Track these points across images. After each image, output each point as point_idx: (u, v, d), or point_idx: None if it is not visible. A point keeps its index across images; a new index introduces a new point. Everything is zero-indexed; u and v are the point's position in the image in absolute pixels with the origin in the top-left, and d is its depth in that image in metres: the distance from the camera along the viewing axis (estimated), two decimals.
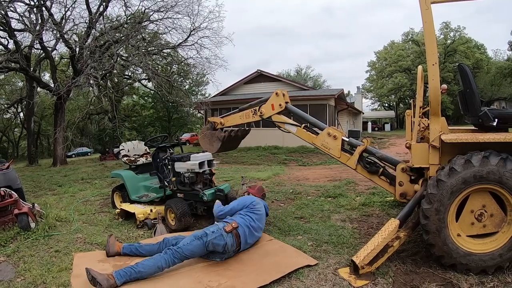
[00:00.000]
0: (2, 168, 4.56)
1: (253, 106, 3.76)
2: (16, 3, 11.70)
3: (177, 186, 4.04)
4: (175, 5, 13.01)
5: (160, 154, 4.31)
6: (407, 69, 36.11)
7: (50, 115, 24.55)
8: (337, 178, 7.02)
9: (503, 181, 2.26)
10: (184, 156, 4.04)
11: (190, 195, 3.93)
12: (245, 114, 3.77)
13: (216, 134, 3.93)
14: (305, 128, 3.37)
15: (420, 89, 3.11)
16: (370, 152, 3.06)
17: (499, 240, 2.34)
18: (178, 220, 3.63)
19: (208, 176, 4.06)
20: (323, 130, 3.24)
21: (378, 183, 3.08)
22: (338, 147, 3.13)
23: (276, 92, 3.53)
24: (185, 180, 3.91)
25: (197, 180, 3.92)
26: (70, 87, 12.08)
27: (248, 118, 3.74)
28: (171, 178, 4.07)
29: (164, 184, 4.18)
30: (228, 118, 3.96)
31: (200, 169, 3.84)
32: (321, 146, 3.22)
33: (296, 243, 3.10)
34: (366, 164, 3.04)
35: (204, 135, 4.06)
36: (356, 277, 2.39)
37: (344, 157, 3.13)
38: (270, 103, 3.54)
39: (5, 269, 2.81)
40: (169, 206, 3.78)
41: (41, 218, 4.02)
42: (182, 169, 3.94)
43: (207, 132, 4.03)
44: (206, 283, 2.41)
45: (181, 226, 3.63)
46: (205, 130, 4.10)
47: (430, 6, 2.47)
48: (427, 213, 2.37)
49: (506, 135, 2.32)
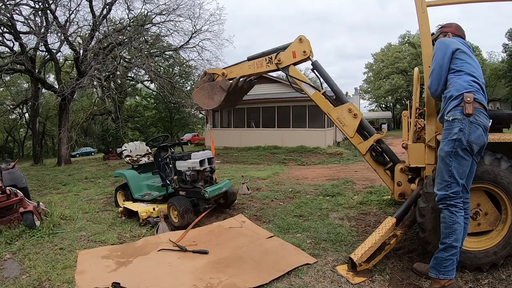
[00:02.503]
0: (8, 167, 4.64)
1: (267, 54, 3.24)
2: (22, 6, 11.89)
3: (179, 184, 4.10)
4: (177, 8, 13.19)
5: (162, 153, 4.39)
6: (403, 71, 36.45)
7: (54, 115, 24.76)
8: (335, 177, 7.07)
9: (497, 180, 2.29)
10: (185, 154, 4.10)
11: (192, 192, 3.99)
12: (257, 63, 3.26)
13: (219, 84, 3.37)
14: (324, 94, 3.09)
15: (416, 90, 3.13)
16: (382, 143, 3.01)
17: (493, 238, 2.37)
18: (181, 217, 3.71)
19: (209, 174, 4.12)
20: (344, 104, 3.01)
21: (381, 176, 3.02)
22: (355, 126, 2.94)
23: (300, 38, 3.04)
24: (186, 178, 3.96)
25: (198, 178, 3.98)
26: (74, 88, 12.24)
27: (260, 68, 3.25)
28: (173, 176, 4.13)
29: (166, 183, 4.25)
30: (233, 68, 3.41)
31: (201, 167, 3.90)
32: (336, 119, 3.00)
33: (295, 241, 3.14)
34: (373, 153, 2.93)
35: (202, 88, 3.46)
36: (354, 274, 2.43)
37: (357, 139, 2.98)
38: (292, 50, 3.07)
39: (11, 266, 2.87)
40: (171, 203, 3.85)
41: (46, 216, 4.10)
42: (183, 168, 3.99)
43: (206, 84, 3.45)
44: (207, 280, 2.45)
45: (184, 222, 3.70)
46: (202, 83, 3.51)
47: (426, 9, 2.51)
48: (423, 211, 2.41)
49: (501, 135, 2.35)
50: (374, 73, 42.75)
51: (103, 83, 13.02)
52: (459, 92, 2.08)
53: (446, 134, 2.09)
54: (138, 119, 28.95)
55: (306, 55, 3.06)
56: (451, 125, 2.06)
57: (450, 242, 2.00)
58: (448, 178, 2.03)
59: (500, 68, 31.76)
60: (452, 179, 2.02)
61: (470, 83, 2.10)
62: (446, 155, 2.05)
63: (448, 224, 2.01)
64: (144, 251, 3.10)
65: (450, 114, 2.10)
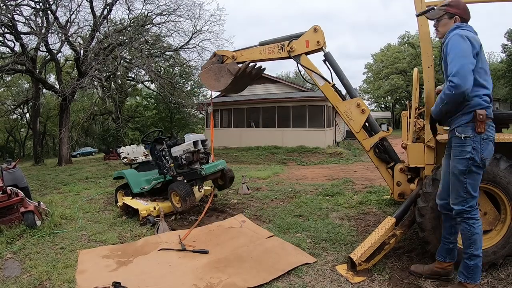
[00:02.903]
0: (9, 167, 4.66)
1: (280, 41, 3.20)
2: (22, 6, 11.91)
3: (176, 171, 4.17)
4: (177, 9, 13.23)
5: (157, 146, 4.51)
6: (403, 71, 36.62)
7: (55, 115, 24.81)
8: (335, 177, 7.09)
9: (497, 180, 2.30)
10: (179, 140, 4.23)
11: (189, 174, 4.06)
12: (268, 49, 3.22)
13: (227, 66, 3.31)
14: (334, 87, 3.08)
15: (415, 90, 3.13)
16: (386, 141, 3.01)
17: (493, 238, 2.38)
18: (183, 201, 3.77)
19: (204, 156, 4.22)
20: (353, 99, 3.02)
21: (383, 174, 3.03)
22: (361, 122, 2.95)
23: (315, 27, 3.00)
24: (182, 162, 4.03)
25: (194, 159, 4.06)
26: (75, 88, 12.27)
27: (271, 54, 3.22)
28: (169, 164, 4.21)
29: (163, 171, 4.33)
30: (243, 51, 3.38)
31: (195, 148, 4.00)
32: (343, 112, 3.00)
33: (295, 241, 3.15)
34: (377, 150, 2.94)
35: (209, 69, 3.42)
36: (353, 274, 2.44)
37: (362, 135, 2.99)
38: (305, 39, 3.03)
39: (11, 265, 2.88)
40: (172, 189, 3.94)
41: (46, 216, 4.11)
42: (179, 152, 4.09)
43: (214, 66, 3.40)
44: (207, 279, 2.46)
45: (187, 206, 3.76)
46: (211, 64, 3.47)
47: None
48: (422, 211, 2.42)
49: (500, 135, 2.36)
50: (373, 74, 42.92)
51: (103, 83, 13.06)
52: (472, 108, 1.99)
53: (458, 152, 2.04)
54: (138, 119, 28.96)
55: (320, 45, 3.02)
56: (463, 143, 2.00)
57: (471, 252, 2.02)
58: (463, 194, 2.03)
59: (499, 68, 32.22)
60: (467, 195, 2.02)
61: (484, 98, 2.00)
62: (460, 173, 2.02)
63: (468, 236, 2.03)
64: (145, 251, 3.11)
65: (460, 130, 2.02)
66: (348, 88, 3.13)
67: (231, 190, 5.83)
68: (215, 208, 4.60)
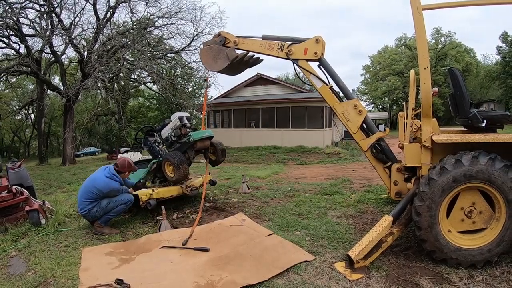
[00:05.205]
0: (14, 167, 4.73)
1: (282, 40, 3.24)
2: (27, 9, 12.09)
3: (168, 150, 4.44)
4: (179, 12, 13.36)
5: (150, 138, 4.77)
6: (400, 73, 36.78)
7: (59, 116, 25.01)
8: (334, 176, 7.13)
9: (491, 179, 2.34)
10: (166, 120, 4.58)
11: (180, 148, 4.36)
12: (269, 45, 3.25)
13: (227, 51, 3.37)
14: (331, 89, 3.13)
15: (412, 91, 3.17)
16: (383, 141, 3.04)
17: (488, 236, 2.41)
18: (177, 169, 3.94)
19: (191, 131, 4.51)
20: (350, 100, 3.07)
21: (380, 173, 3.07)
22: (359, 123, 2.99)
23: (317, 38, 3.04)
24: (172, 138, 4.35)
25: (182, 134, 4.34)
26: (78, 89, 12.42)
27: (270, 50, 3.25)
28: (161, 147, 4.50)
29: (157, 155, 4.56)
30: (245, 40, 3.41)
31: (181, 122, 4.33)
32: (341, 113, 3.05)
33: (294, 238, 3.19)
34: (374, 150, 2.98)
35: (210, 48, 3.48)
36: (351, 271, 2.48)
37: (360, 135, 3.03)
38: (304, 46, 3.07)
39: (17, 263, 2.93)
40: (165, 159, 4.15)
41: (51, 214, 4.18)
42: (168, 132, 4.41)
43: (215, 46, 3.46)
44: (208, 277, 2.50)
45: (181, 174, 3.92)
46: (213, 43, 3.51)
47: (422, 12, 2.56)
48: (419, 210, 2.46)
49: (495, 135, 2.40)
50: (371, 75, 43.13)
51: (106, 85, 13.20)
52: None
53: None
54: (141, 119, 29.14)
55: (317, 56, 3.08)
56: None
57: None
58: None
59: (494, 70, 32.62)
60: None
61: None
62: None
63: None
64: (147, 249, 3.15)
65: None
66: (344, 91, 3.20)
67: (231, 189, 5.89)
68: (216, 206, 4.65)
